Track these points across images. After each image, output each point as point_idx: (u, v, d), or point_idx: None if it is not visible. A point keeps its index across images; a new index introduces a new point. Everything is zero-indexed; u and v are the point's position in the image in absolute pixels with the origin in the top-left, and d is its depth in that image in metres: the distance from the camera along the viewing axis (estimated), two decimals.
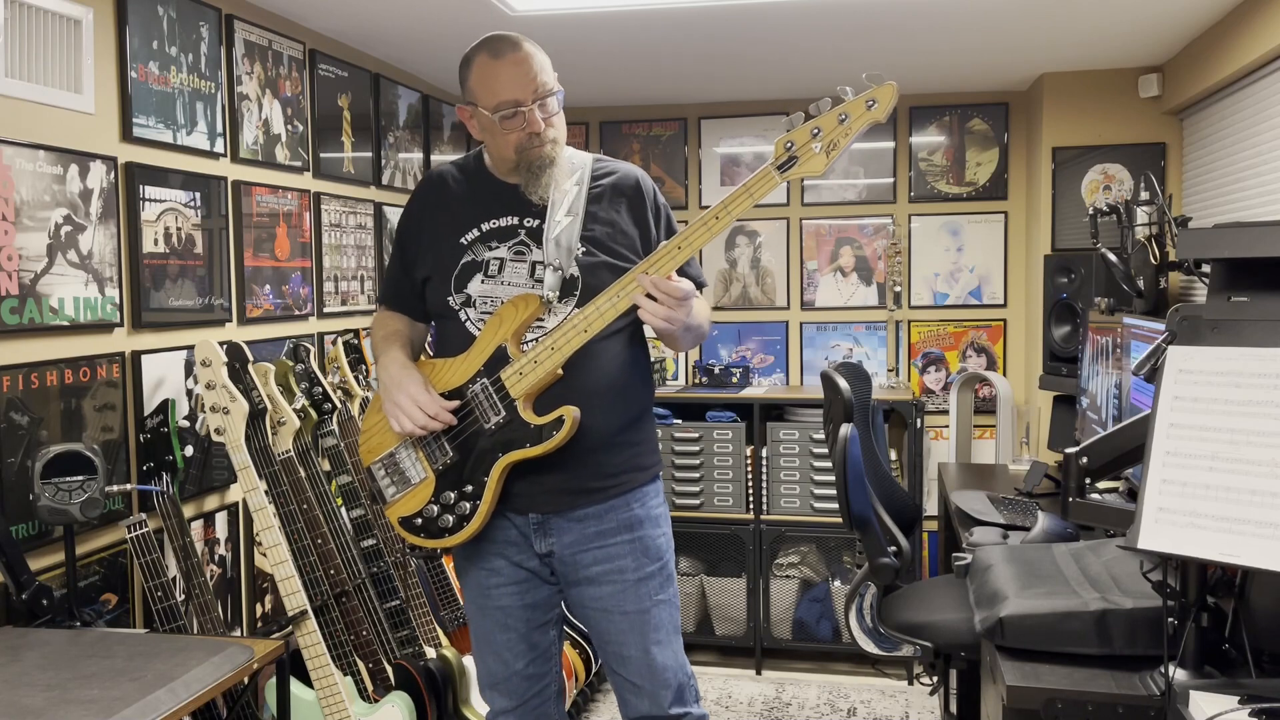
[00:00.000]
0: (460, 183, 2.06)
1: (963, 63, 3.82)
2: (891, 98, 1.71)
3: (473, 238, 1.99)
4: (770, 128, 4.51)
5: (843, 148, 1.75)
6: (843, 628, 4.10)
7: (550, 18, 3.10)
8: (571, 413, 1.86)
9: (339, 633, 2.64)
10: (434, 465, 1.96)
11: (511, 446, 1.90)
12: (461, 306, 1.99)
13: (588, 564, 2.00)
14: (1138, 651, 1.69)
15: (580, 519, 1.99)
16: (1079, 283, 3.63)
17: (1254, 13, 2.93)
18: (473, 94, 1.95)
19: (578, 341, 1.86)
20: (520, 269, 1.96)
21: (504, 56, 1.91)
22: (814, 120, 1.75)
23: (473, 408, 1.92)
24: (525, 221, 1.98)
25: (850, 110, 1.73)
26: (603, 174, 2.03)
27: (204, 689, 1.76)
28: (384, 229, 3.71)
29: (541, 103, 1.91)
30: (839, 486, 2.61)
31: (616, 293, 1.85)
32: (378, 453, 2.02)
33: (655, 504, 2.07)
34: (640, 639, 2.00)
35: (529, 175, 1.95)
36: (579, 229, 1.95)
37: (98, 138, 2.38)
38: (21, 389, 2.16)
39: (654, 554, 2.03)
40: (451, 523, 1.95)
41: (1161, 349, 1.58)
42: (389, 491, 2.01)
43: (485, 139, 2.00)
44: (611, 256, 1.96)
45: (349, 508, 2.88)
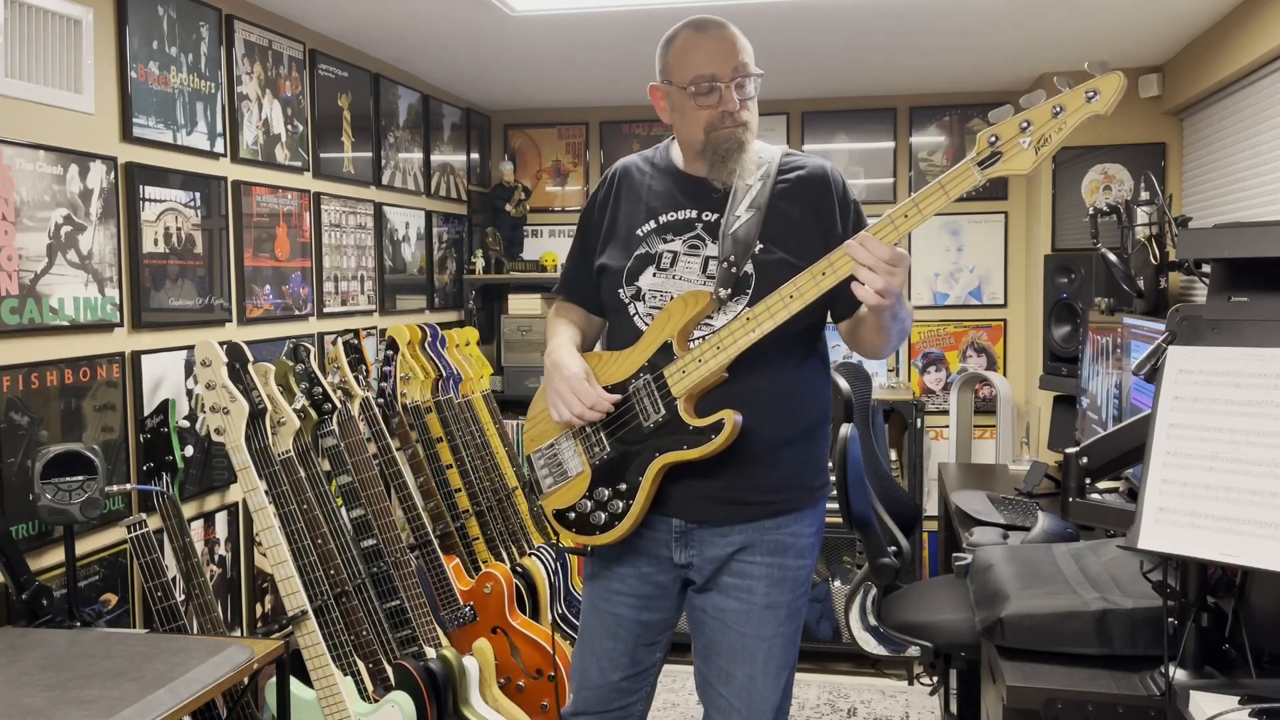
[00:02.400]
0: (645, 174, 2.00)
1: (963, 63, 3.82)
2: (1118, 89, 1.53)
3: (649, 229, 1.92)
4: (770, 128, 4.50)
5: (1055, 143, 1.57)
6: (843, 628, 4.10)
7: (550, 18, 3.10)
8: (732, 417, 1.77)
9: (339, 633, 2.64)
10: (591, 459, 1.90)
11: (669, 447, 1.82)
12: (631, 300, 1.91)
13: (722, 574, 1.92)
14: (1138, 651, 1.69)
15: (726, 534, 1.90)
16: (1079, 283, 3.63)
17: (1254, 13, 2.93)
18: (669, 70, 1.87)
19: (745, 341, 1.76)
20: (693, 264, 1.88)
21: (709, 31, 1.84)
22: (1024, 113, 1.59)
23: (634, 403, 1.85)
24: (704, 215, 1.89)
25: (1067, 102, 1.56)
26: (790, 168, 1.92)
27: (204, 689, 1.76)
28: (384, 229, 3.71)
29: (739, 82, 1.83)
30: (839, 486, 2.61)
31: (789, 292, 1.73)
32: (539, 442, 1.96)
33: (808, 532, 1.95)
34: (748, 663, 1.92)
35: (715, 158, 1.85)
36: (759, 226, 1.85)
37: (98, 138, 2.38)
38: (21, 389, 2.16)
39: (790, 585, 1.93)
40: (604, 520, 1.88)
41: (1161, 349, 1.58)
42: (545, 482, 1.95)
43: (675, 120, 1.91)
44: (791, 255, 1.84)
45: (349, 508, 2.88)
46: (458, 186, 4.41)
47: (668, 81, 1.89)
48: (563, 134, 4.74)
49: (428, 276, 4.10)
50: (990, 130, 1.61)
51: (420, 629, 2.90)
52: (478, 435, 3.57)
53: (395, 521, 2.95)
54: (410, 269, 3.95)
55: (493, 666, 3.02)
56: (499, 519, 3.52)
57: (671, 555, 1.94)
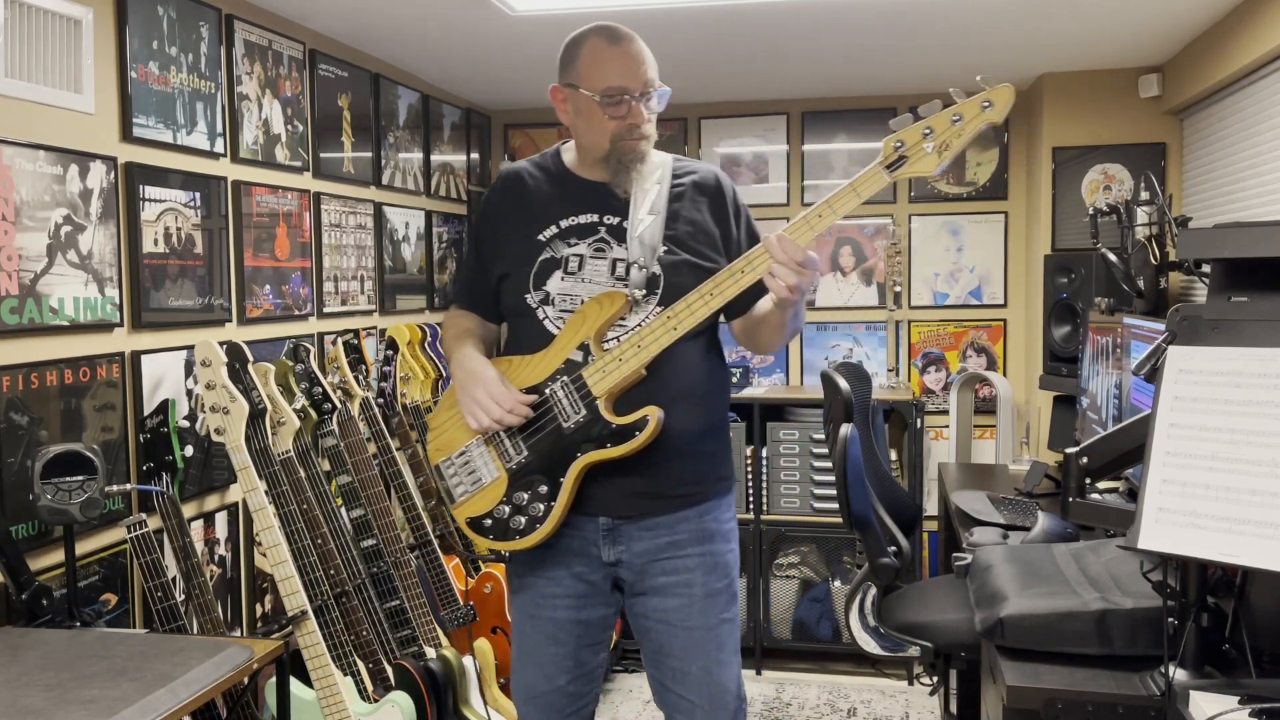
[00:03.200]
0: (538, 180, 2.03)
1: (963, 63, 3.82)
2: (1008, 100, 1.68)
3: (551, 234, 1.95)
4: (770, 128, 4.50)
5: (955, 149, 1.71)
6: (843, 628, 4.10)
7: (550, 18, 3.10)
8: (655, 413, 1.82)
9: (339, 633, 2.64)
10: (507, 464, 1.90)
11: (592, 446, 1.85)
12: (540, 304, 1.94)
13: (656, 574, 1.95)
14: (1138, 651, 1.69)
15: (652, 527, 1.93)
16: (1079, 283, 3.63)
17: (1254, 13, 2.93)
18: (578, 75, 1.91)
19: (666, 340, 1.82)
20: (601, 266, 1.92)
21: (621, 44, 1.90)
22: (925, 120, 1.71)
23: (551, 406, 1.87)
24: (605, 219, 1.94)
25: (964, 111, 1.70)
26: (683, 173, 2.00)
27: (204, 689, 1.76)
28: (384, 229, 3.71)
29: (647, 97, 1.90)
30: (839, 486, 2.61)
31: (709, 290, 1.81)
32: (447, 450, 1.96)
33: (727, 518, 2.02)
34: (703, 657, 1.95)
35: (619, 167, 1.92)
36: (662, 227, 1.92)
37: (98, 138, 2.38)
38: (21, 389, 2.16)
39: (723, 570, 1.98)
40: (523, 524, 1.89)
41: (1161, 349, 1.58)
42: (458, 490, 1.95)
43: (577, 123, 1.95)
44: (693, 255, 1.92)
45: (349, 508, 2.88)
46: (458, 186, 4.41)
47: (573, 85, 1.93)
48: (562, 134, 4.66)
49: (428, 276, 4.10)
50: (895, 136, 1.73)
51: (420, 629, 2.90)
52: None
53: (395, 521, 2.95)
54: (410, 269, 3.95)
55: (493, 666, 3.02)
56: None
57: (600, 554, 1.96)
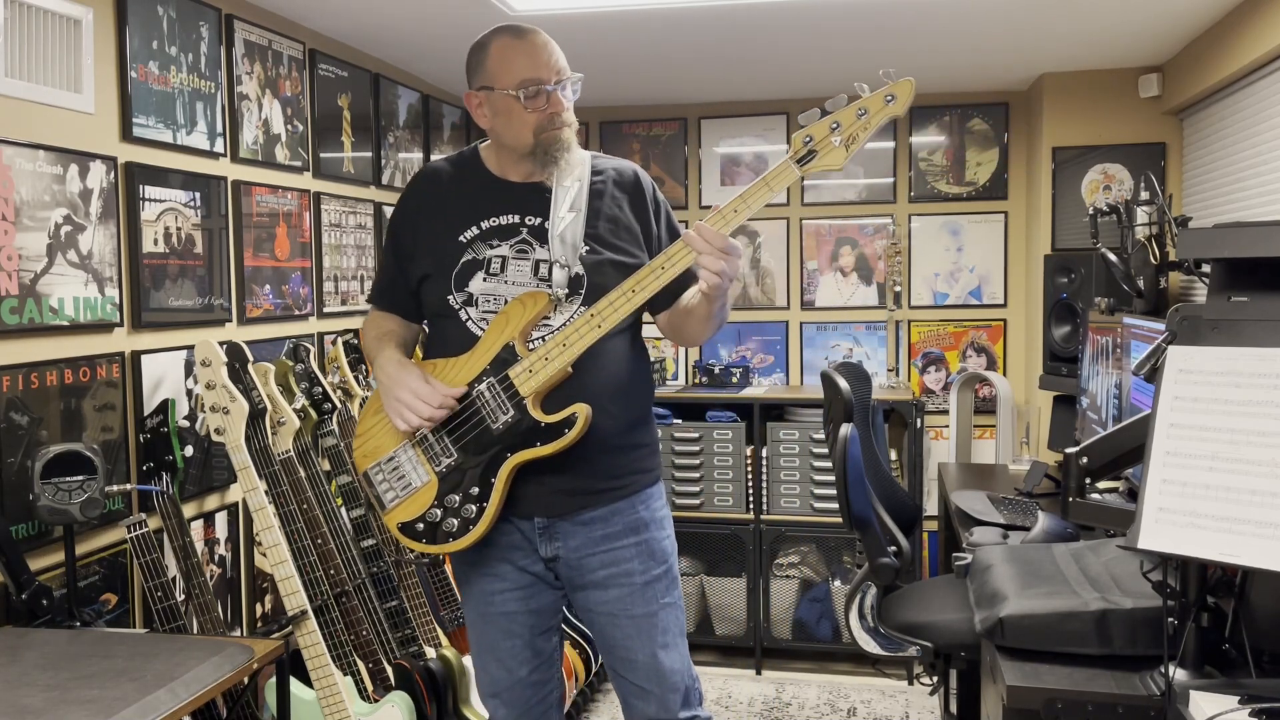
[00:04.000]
0: (456, 179, 2.03)
1: (963, 63, 3.82)
2: (909, 93, 1.73)
3: (472, 235, 1.95)
4: (770, 128, 4.51)
5: (861, 141, 1.75)
6: (843, 628, 4.10)
7: (550, 18, 3.10)
8: (584, 410, 1.83)
9: (339, 633, 2.64)
10: (436, 467, 1.90)
11: (521, 446, 1.86)
12: (462, 305, 1.94)
13: (594, 568, 1.97)
14: (1138, 651, 1.69)
15: (586, 522, 1.96)
16: (1079, 283, 3.63)
17: (1254, 13, 2.93)
18: (489, 75, 1.90)
19: (591, 337, 1.83)
20: (523, 267, 1.93)
21: (527, 38, 1.89)
22: (832, 115, 1.75)
23: (479, 407, 1.87)
24: (527, 219, 1.95)
25: (869, 105, 1.74)
26: (602, 169, 2.01)
27: (204, 689, 1.76)
28: (384, 229, 3.71)
29: (562, 85, 1.90)
30: (839, 486, 2.61)
31: (631, 287, 1.83)
32: (375, 457, 1.95)
33: (659, 506, 2.05)
34: (648, 643, 1.98)
35: (546, 159, 1.91)
36: (583, 226, 1.93)
37: (98, 138, 2.38)
38: (21, 389, 2.16)
39: (660, 556, 2.01)
40: (456, 527, 1.89)
41: (1161, 349, 1.58)
42: (388, 496, 1.94)
43: (498, 124, 1.93)
44: (615, 253, 1.94)
45: (349, 508, 2.88)
46: None
47: (487, 87, 1.92)
48: None
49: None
50: (804, 131, 1.76)
51: (420, 629, 2.90)
52: None
53: None
54: None
55: None
56: None
57: (538, 549, 1.98)
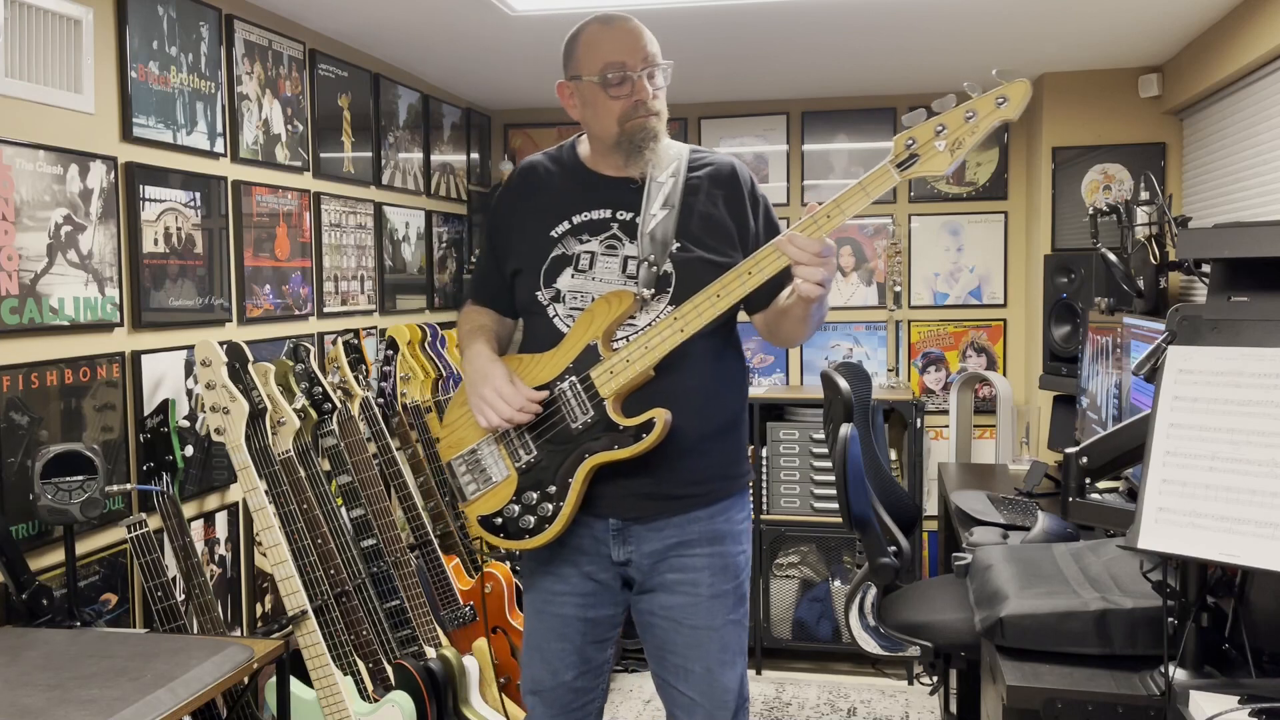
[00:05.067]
0: (552, 174, 1.98)
1: (963, 63, 3.82)
2: (1024, 95, 1.61)
3: (563, 230, 1.91)
4: (771, 128, 4.50)
5: (968, 146, 1.65)
6: (843, 628, 4.10)
7: (550, 18, 3.10)
8: (663, 416, 1.79)
9: (339, 633, 2.64)
10: (516, 463, 1.89)
11: (598, 448, 1.82)
12: (550, 302, 1.91)
13: (663, 571, 1.93)
14: (1138, 651, 1.69)
15: (662, 528, 1.91)
16: (1079, 283, 3.63)
17: (1254, 13, 2.93)
18: (577, 64, 1.87)
19: (673, 341, 1.78)
20: (612, 264, 1.88)
21: (614, 25, 1.85)
22: (938, 117, 1.65)
23: (560, 406, 1.85)
24: (618, 214, 1.90)
25: (978, 107, 1.64)
26: (700, 165, 1.94)
27: (204, 689, 1.76)
28: (384, 229, 3.71)
29: (649, 72, 1.84)
30: (839, 486, 2.61)
31: (717, 291, 1.76)
32: (459, 448, 1.95)
33: (740, 518, 1.99)
34: (705, 656, 1.93)
35: (631, 149, 1.86)
36: (675, 223, 1.87)
37: (98, 138, 2.38)
38: (21, 389, 2.16)
39: (732, 572, 1.95)
40: (532, 524, 1.88)
41: (1161, 349, 1.58)
42: (469, 489, 1.94)
43: (586, 114, 1.89)
44: (708, 252, 1.87)
45: (349, 508, 2.88)
46: (458, 186, 4.41)
47: (575, 77, 1.89)
48: (563, 134, 4.72)
49: (428, 276, 4.10)
50: (907, 134, 1.67)
51: (420, 629, 2.90)
52: None
53: (395, 521, 2.95)
54: (410, 269, 3.95)
55: (492, 666, 3.02)
56: None
57: (610, 553, 1.94)
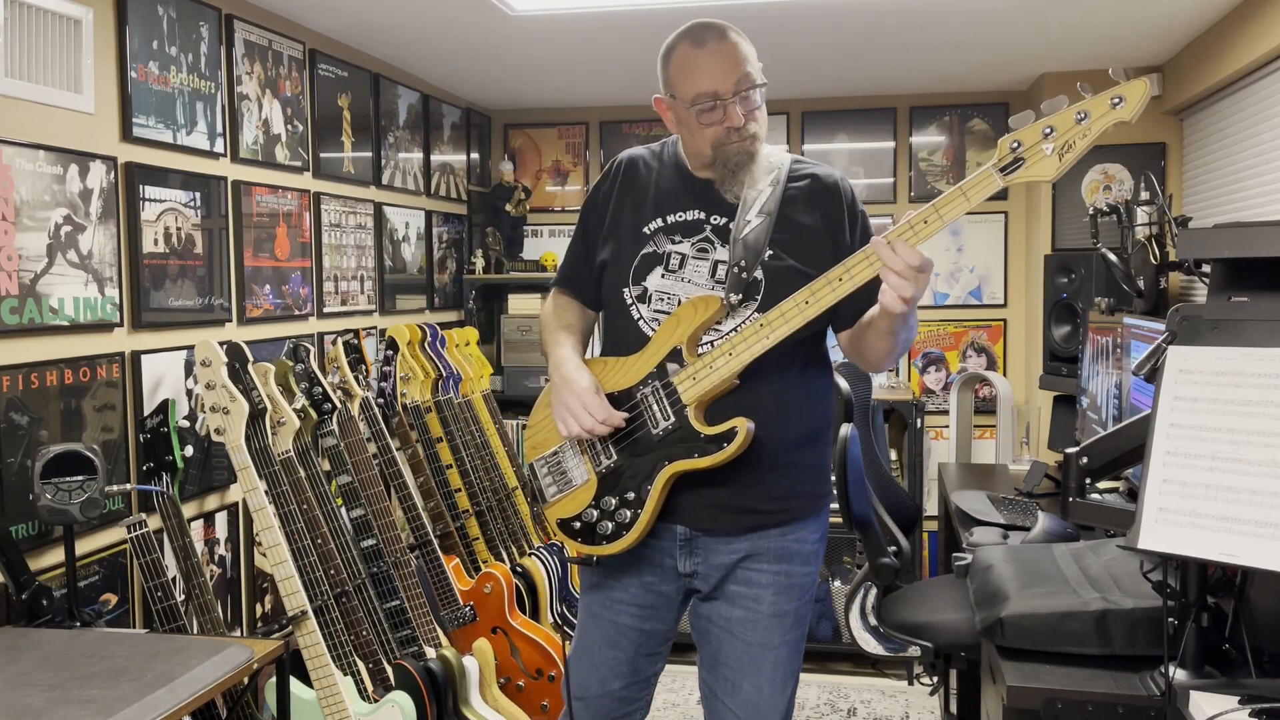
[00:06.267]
0: (651, 170, 1.95)
1: (963, 63, 3.82)
2: (1143, 96, 1.51)
3: (656, 228, 1.89)
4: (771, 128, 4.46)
5: (1080, 150, 1.55)
6: (843, 628, 4.10)
7: (550, 18, 3.10)
8: (745, 425, 1.74)
9: (339, 633, 2.64)
10: (597, 468, 1.86)
11: (679, 456, 1.78)
12: (635, 301, 1.88)
13: (727, 581, 1.90)
14: (1138, 651, 1.69)
15: (731, 542, 1.88)
16: (1079, 283, 3.63)
17: (1254, 13, 2.93)
18: (671, 84, 1.84)
19: (759, 348, 1.74)
20: (702, 267, 1.85)
21: (706, 45, 1.79)
22: (1047, 119, 1.56)
23: (641, 411, 1.82)
24: (713, 218, 1.87)
25: (1091, 108, 1.54)
26: (800, 175, 1.90)
27: (204, 689, 1.76)
28: (384, 229, 3.71)
29: (743, 95, 1.79)
30: (839, 486, 2.61)
31: (805, 298, 1.71)
32: (542, 449, 1.93)
33: (814, 539, 1.94)
34: (757, 674, 1.89)
35: (725, 172, 1.83)
36: (769, 231, 1.83)
37: (98, 138, 2.38)
38: (21, 389, 2.16)
39: (796, 592, 1.91)
40: (610, 530, 1.84)
41: (1161, 349, 1.58)
42: (549, 491, 1.91)
43: (682, 133, 1.88)
44: (800, 262, 1.82)
45: (349, 508, 2.88)
46: (458, 186, 4.41)
47: (672, 95, 1.86)
48: (563, 134, 4.74)
49: (428, 276, 4.10)
50: (1012, 135, 1.58)
51: (420, 629, 2.90)
52: (477, 435, 3.57)
53: (395, 521, 2.95)
54: (410, 269, 3.95)
55: (493, 666, 3.02)
56: (499, 519, 3.52)
57: (676, 564, 1.92)
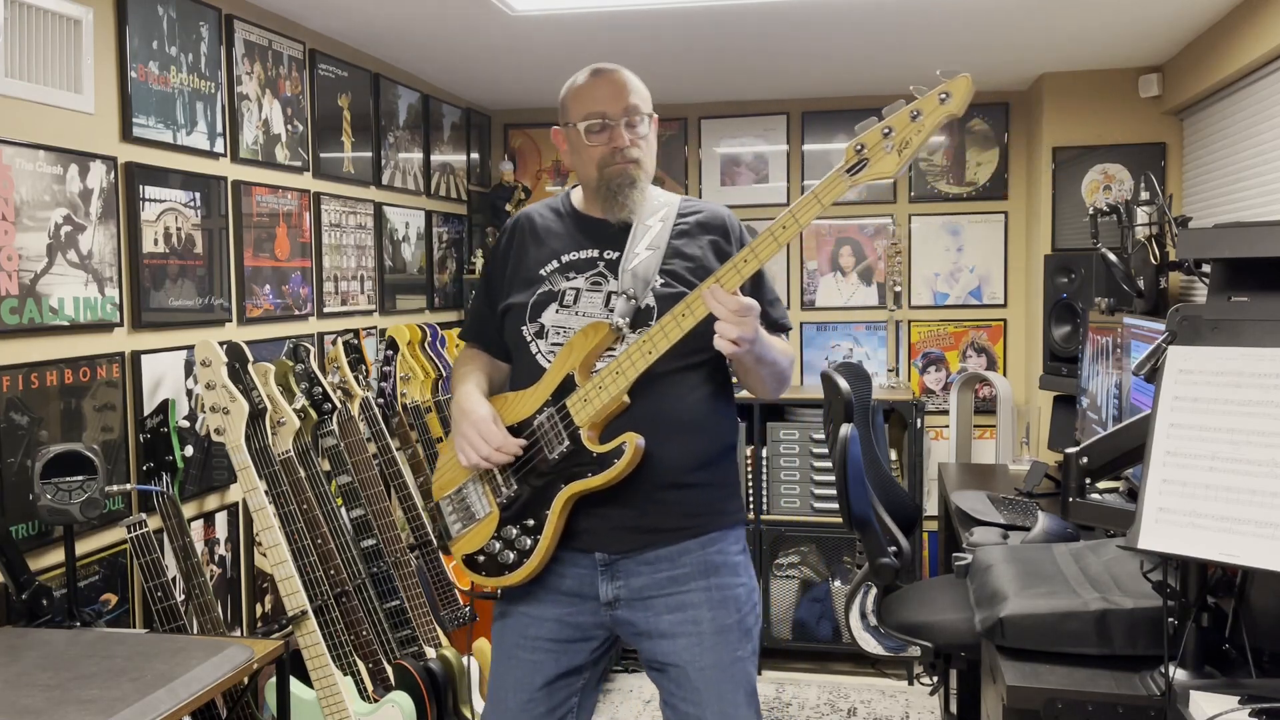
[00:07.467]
0: (548, 219, 2.03)
1: (963, 63, 3.81)
2: (967, 90, 1.65)
3: (552, 269, 1.94)
4: (770, 128, 4.50)
5: (916, 146, 1.66)
6: (843, 628, 4.10)
7: (550, 18, 3.10)
8: (634, 439, 1.76)
9: (339, 633, 2.64)
10: (498, 499, 1.89)
11: (574, 477, 1.80)
12: (534, 338, 1.92)
13: (659, 611, 1.87)
14: (1138, 651, 1.69)
15: (651, 561, 1.87)
16: (1079, 283, 3.63)
17: (1254, 13, 2.93)
18: (566, 111, 1.95)
19: (642, 364, 1.77)
20: (595, 299, 1.90)
21: (602, 75, 1.94)
22: (885, 120, 1.67)
23: (538, 438, 1.85)
24: (606, 253, 1.93)
25: (923, 107, 1.65)
26: (689, 213, 1.99)
27: (204, 689, 1.76)
28: (384, 229, 3.71)
29: (630, 121, 1.90)
30: (839, 486, 2.61)
31: (682, 310, 1.75)
32: (447, 489, 1.96)
33: (734, 550, 1.93)
34: (717, 700, 1.85)
35: (608, 194, 1.91)
36: (659, 262, 1.89)
37: (98, 138, 2.38)
38: (21, 389, 2.16)
39: (732, 605, 1.89)
40: (512, 559, 1.86)
41: (1161, 349, 1.58)
42: (454, 528, 1.94)
43: (574, 160, 1.98)
44: (690, 289, 1.83)
45: (349, 508, 2.88)
46: (458, 186, 4.41)
47: (566, 124, 1.96)
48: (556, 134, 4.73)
49: (428, 276, 4.10)
50: (856, 140, 1.69)
51: (420, 629, 2.90)
52: None
53: (395, 521, 2.95)
54: (410, 269, 3.95)
55: None
56: None
57: (598, 592, 1.89)
